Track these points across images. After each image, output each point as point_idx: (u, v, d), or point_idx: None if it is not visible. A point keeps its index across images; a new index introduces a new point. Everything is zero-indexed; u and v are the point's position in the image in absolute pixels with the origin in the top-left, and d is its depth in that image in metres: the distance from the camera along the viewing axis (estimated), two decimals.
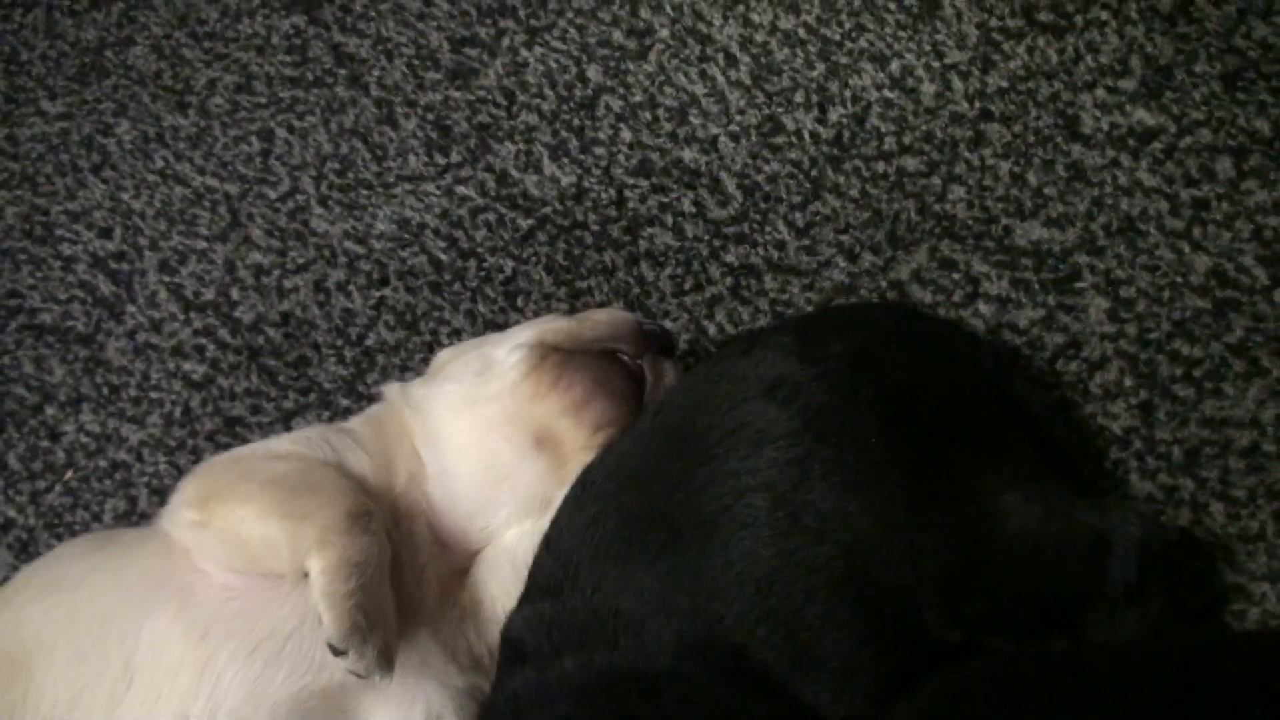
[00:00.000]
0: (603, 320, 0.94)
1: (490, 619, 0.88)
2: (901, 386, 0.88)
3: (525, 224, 1.16)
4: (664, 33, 1.19)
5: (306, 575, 0.79)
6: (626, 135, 1.18)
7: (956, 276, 1.09)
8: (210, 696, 0.79)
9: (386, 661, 0.78)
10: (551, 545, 0.85)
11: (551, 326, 0.94)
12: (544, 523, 0.88)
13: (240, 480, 0.83)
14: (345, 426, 0.96)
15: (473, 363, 0.93)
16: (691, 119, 1.17)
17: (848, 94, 1.15)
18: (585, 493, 0.86)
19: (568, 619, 0.80)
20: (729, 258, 1.13)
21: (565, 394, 0.89)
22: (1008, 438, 0.92)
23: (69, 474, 1.17)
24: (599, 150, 1.18)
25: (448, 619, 0.87)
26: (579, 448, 0.89)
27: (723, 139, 1.16)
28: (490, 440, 0.89)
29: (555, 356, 0.91)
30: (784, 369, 0.85)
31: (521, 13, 1.22)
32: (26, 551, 1.14)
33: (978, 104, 1.13)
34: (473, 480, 0.89)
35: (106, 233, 1.23)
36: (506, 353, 0.92)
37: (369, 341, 1.15)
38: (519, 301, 1.14)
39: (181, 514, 0.84)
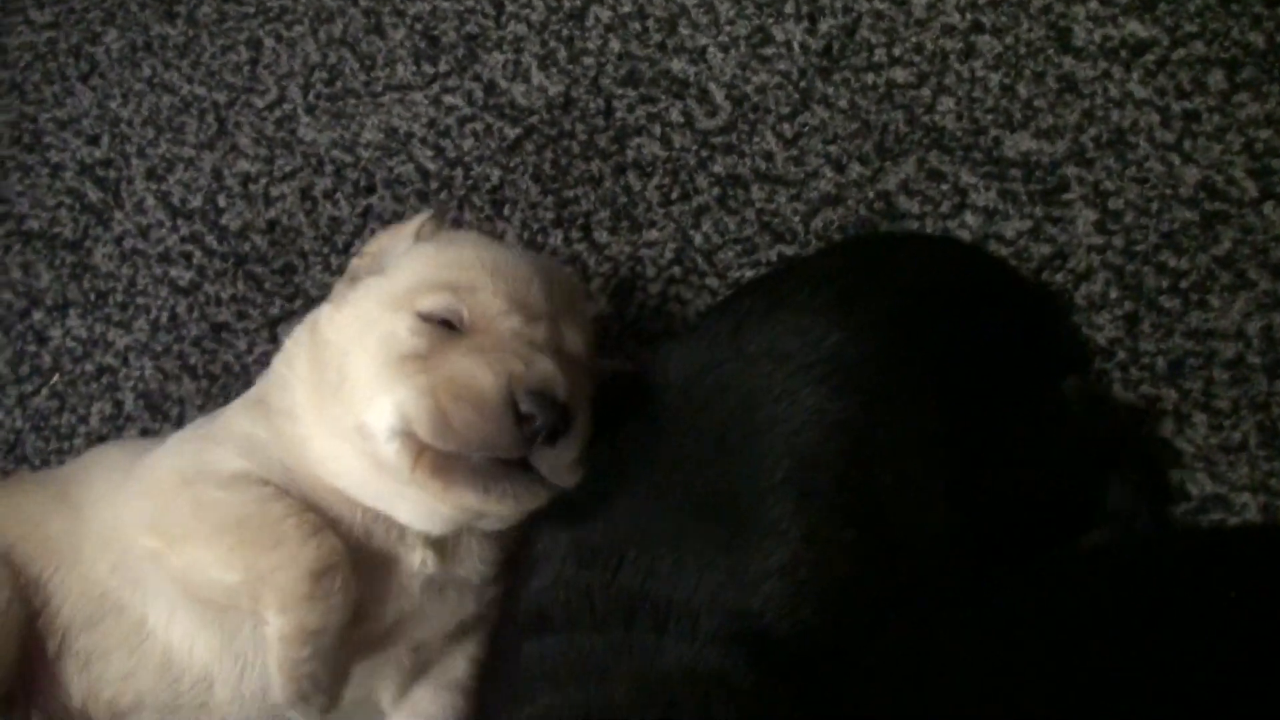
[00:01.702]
0: (471, 418, 0.77)
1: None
2: (946, 344, 0.87)
3: (512, 133, 1.16)
4: None
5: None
6: (615, 45, 1.17)
7: (944, 187, 1.08)
8: (238, 669, 0.82)
9: (327, 711, 0.78)
10: (591, 518, 0.82)
11: (417, 412, 0.78)
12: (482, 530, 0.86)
13: (196, 518, 0.80)
14: (274, 406, 0.88)
15: (347, 429, 0.82)
16: (681, 29, 1.16)
17: (838, 5, 1.14)
18: (623, 469, 0.84)
19: (616, 593, 0.78)
20: (716, 168, 1.12)
21: (459, 498, 0.79)
22: (1038, 377, 0.93)
23: (56, 378, 1.17)
24: (587, 60, 1.17)
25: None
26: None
27: (712, 49, 1.15)
28: (404, 491, 0.82)
29: (431, 456, 0.79)
30: (831, 345, 0.83)
31: None
32: (14, 454, 1.14)
33: (969, 16, 1.12)
34: (400, 510, 0.84)
35: (94, 140, 1.23)
36: (384, 437, 0.79)
37: (355, 250, 1.15)
38: (505, 210, 1.14)
39: (142, 539, 0.81)
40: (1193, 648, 0.79)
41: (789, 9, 1.14)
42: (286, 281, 1.15)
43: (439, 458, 0.78)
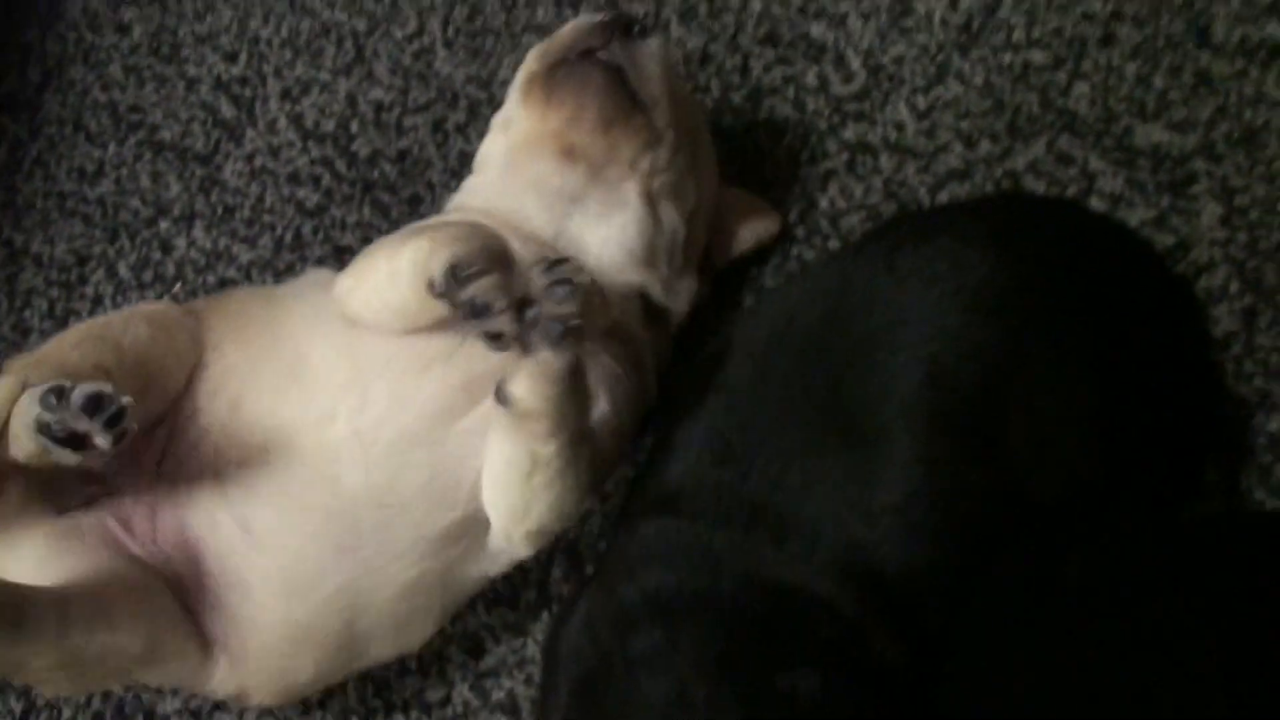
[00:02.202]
0: (566, 31, 0.98)
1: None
2: (1092, 292, 0.90)
3: None
4: None
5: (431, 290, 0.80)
6: (756, 5, 1.19)
7: (1073, 171, 1.10)
8: (361, 399, 0.85)
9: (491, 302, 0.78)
10: (730, 417, 0.86)
11: (530, 54, 0.99)
12: (605, 228, 0.94)
13: (383, 248, 0.87)
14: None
15: (496, 133, 0.99)
16: None
17: None
18: (766, 372, 0.87)
19: (742, 496, 0.81)
20: (847, 134, 1.14)
21: (560, 109, 0.93)
22: (1170, 345, 0.96)
23: (177, 287, 1.20)
24: (727, 18, 1.19)
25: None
26: (601, 153, 0.93)
27: (852, 17, 1.17)
28: (528, 165, 0.94)
29: (539, 79, 0.95)
30: (982, 273, 0.85)
31: None
32: None
33: (1109, 4, 1.13)
34: (533, 204, 0.93)
35: (232, 57, 1.25)
36: (511, 98, 0.99)
37: None
38: None
39: (340, 283, 0.87)
40: None
41: None
42: (413, 211, 1.18)
43: (546, 80, 0.94)
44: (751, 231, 1.06)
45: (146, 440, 0.85)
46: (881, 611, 0.82)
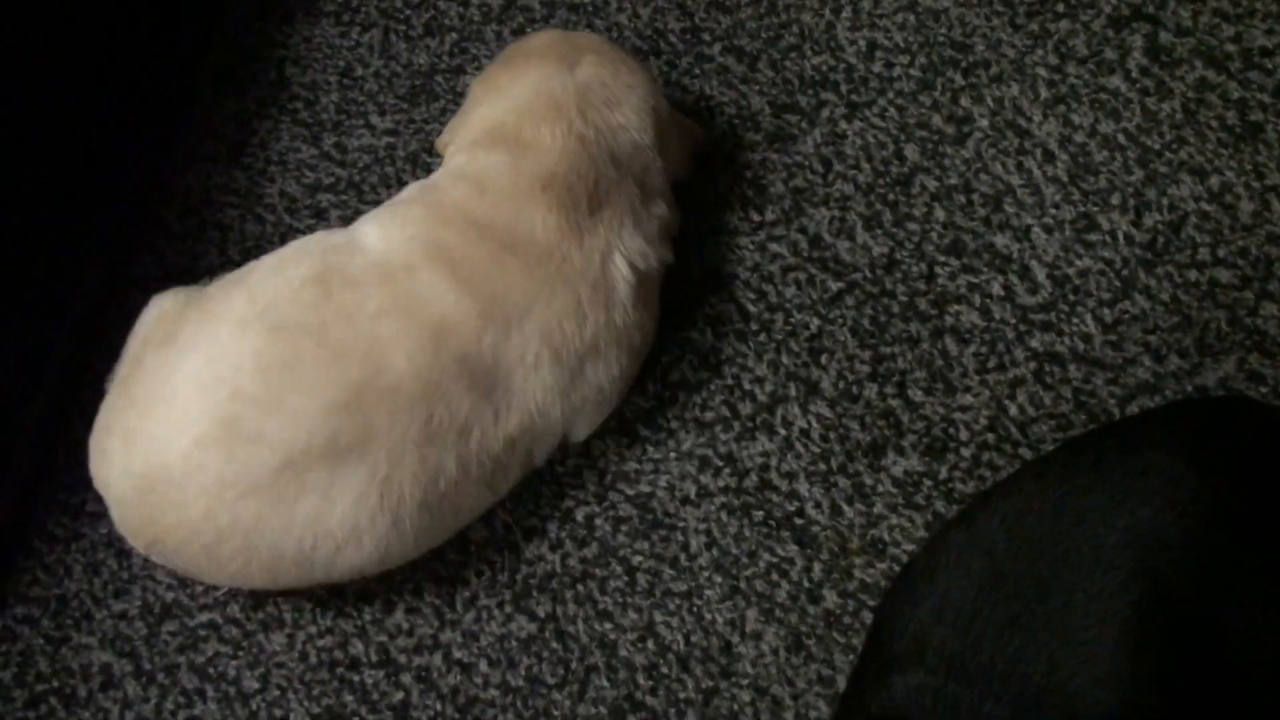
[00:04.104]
0: None
1: None
2: None
3: (835, 286, 1.22)
4: (983, 123, 1.25)
5: None
6: (940, 214, 1.23)
7: (1264, 390, 1.12)
8: None
9: None
10: (953, 621, 0.87)
11: None
12: None
13: None
14: None
15: None
16: (1006, 207, 1.22)
17: (1164, 202, 1.20)
18: (995, 587, 0.89)
19: (980, 717, 0.83)
20: (1034, 343, 1.17)
21: None
22: None
23: None
24: (912, 226, 1.23)
25: None
26: None
27: (1036, 229, 1.21)
28: None
29: None
30: (1197, 485, 0.87)
31: (843, 87, 1.29)
32: None
33: None
34: None
35: None
36: None
37: (673, 377, 1.20)
38: (822, 360, 1.19)
39: None
40: None
41: (1115, 200, 1.20)
42: None
43: None
44: None
45: None
46: None
